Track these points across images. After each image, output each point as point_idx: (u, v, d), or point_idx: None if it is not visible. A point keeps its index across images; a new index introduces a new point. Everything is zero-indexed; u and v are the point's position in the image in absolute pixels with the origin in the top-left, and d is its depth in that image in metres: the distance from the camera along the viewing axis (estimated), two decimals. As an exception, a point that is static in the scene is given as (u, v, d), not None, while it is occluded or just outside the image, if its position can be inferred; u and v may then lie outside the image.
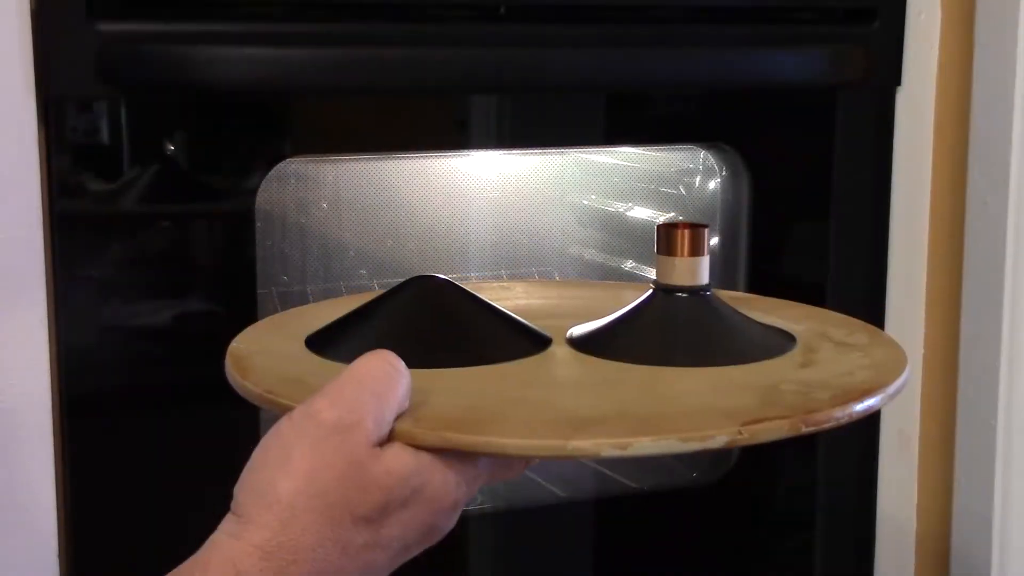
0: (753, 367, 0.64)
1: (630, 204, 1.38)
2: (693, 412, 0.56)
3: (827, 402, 0.57)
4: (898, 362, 0.64)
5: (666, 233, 0.68)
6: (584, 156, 1.37)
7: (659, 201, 1.34)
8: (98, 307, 0.94)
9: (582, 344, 0.68)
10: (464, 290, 0.70)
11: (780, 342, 0.68)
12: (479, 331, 0.67)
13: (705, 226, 0.69)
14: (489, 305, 0.70)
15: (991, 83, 1.11)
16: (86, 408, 0.94)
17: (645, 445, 0.52)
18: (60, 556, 0.94)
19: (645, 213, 1.37)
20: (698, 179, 1.26)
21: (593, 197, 1.42)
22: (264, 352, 0.68)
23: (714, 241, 1.19)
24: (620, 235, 1.40)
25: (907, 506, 1.21)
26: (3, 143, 0.89)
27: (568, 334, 0.70)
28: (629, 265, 1.51)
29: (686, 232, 0.68)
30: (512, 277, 1.38)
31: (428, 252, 1.39)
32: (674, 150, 1.27)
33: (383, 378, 0.55)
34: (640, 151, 1.33)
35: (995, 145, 1.10)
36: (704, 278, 0.68)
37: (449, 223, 1.37)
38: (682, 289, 0.67)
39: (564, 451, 0.52)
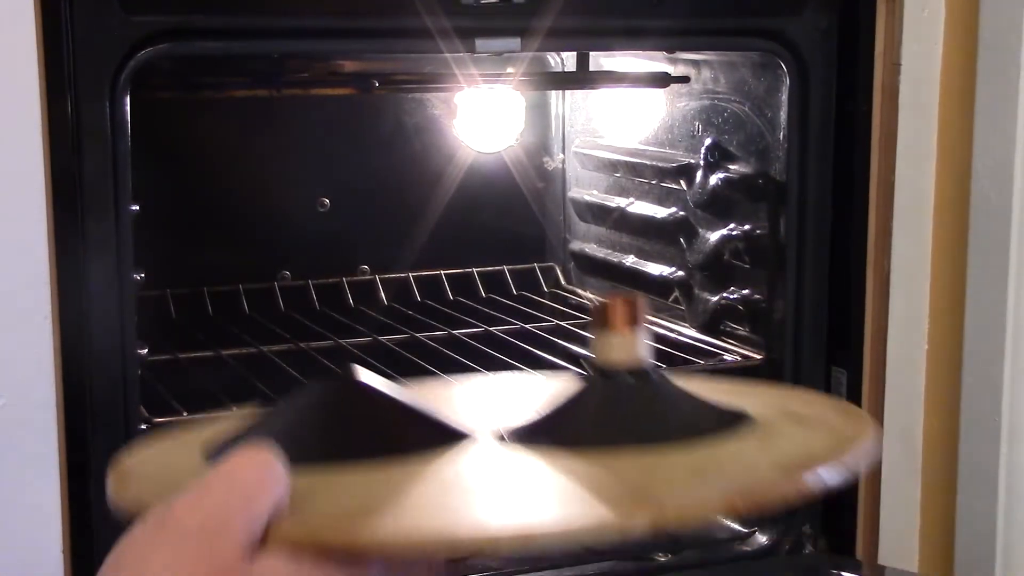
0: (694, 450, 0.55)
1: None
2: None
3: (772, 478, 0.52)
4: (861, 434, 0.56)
5: (599, 307, 0.59)
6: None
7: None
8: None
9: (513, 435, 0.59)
10: (378, 390, 0.59)
11: (728, 421, 0.59)
12: (390, 425, 0.58)
13: (635, 300, 0.59)
14: (405, 399, 0.60)
15: (995, 79, 1.10)
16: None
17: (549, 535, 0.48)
18: (64, 555, 0.94)
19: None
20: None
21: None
22: (154, 464, 0.59)
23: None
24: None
25: (910, 504, 1.21)
26: (5, 140, 0.89)
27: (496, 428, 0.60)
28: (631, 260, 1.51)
29: (620, 305, 0.59)
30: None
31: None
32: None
33: (255, 476, 0.48)
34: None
35: (999, 141, 1.10)
36: (642, 355, 0.59)
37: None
38: (619, 372, 0.58)
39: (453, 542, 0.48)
